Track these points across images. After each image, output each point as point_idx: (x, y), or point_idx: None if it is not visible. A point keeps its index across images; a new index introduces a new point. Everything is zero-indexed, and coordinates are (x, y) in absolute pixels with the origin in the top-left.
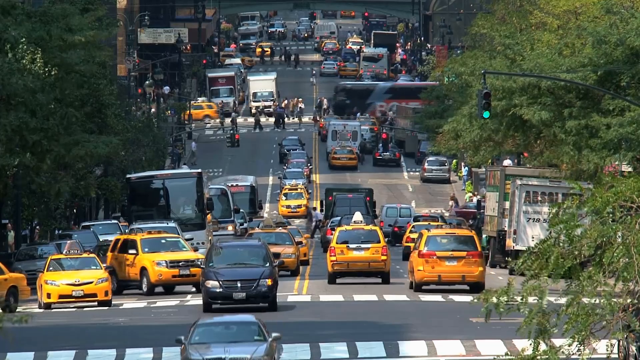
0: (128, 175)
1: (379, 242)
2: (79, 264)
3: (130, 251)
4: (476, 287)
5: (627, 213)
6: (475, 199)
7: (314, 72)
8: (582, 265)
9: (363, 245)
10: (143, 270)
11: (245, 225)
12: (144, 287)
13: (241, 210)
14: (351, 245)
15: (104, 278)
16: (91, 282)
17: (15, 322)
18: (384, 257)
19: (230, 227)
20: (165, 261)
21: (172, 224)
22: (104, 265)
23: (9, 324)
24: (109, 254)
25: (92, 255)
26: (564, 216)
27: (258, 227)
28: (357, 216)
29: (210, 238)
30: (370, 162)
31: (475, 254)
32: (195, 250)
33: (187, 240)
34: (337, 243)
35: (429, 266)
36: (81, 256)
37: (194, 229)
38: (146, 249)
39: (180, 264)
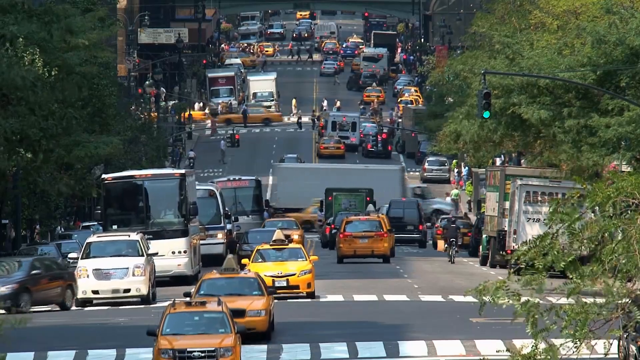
0: (103, 176)
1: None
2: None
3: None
4: (383, 257)
5: (628, 208)
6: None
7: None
8: (582, 261)
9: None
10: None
11: (229, 226)
12: None
13: (229, 212)
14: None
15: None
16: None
17: (14, 325)
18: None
19: (220, 235)
20: (172, 350)
21: (134, 237)
22: None
23: (8, 326)
24: None
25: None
26: (565, 210)
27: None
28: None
29: (195, 246)
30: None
31: (382, 233)
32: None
33: (150, 255)
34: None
35: (347, 243)
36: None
37: (176, 236)
38: (168, 329)
39: (193, 354)
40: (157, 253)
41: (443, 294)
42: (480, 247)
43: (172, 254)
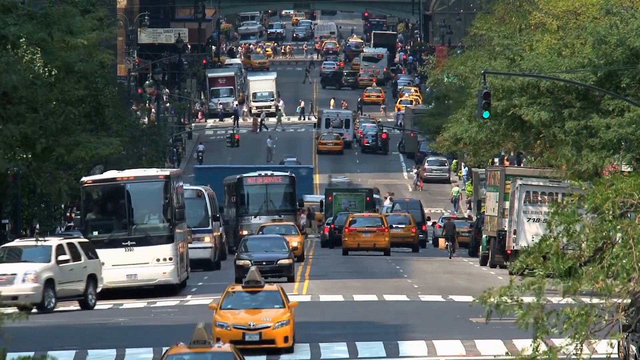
0: (83, 179)
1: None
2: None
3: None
4: (384, 250)
5: (627, 210)
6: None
7: (307, 72)
8: (582, 266)
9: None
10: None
11: (210, 227)
12: None
13: (218, 215)
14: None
15: None
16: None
17: (14, 319)
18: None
19: (207, 239)
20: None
21: (50, 242)
22: None
23: (9, 321)
24: None
25: None
26: (564, 212)
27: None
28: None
29: (182, 253)
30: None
31: (382, 229)
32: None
33: (62, 263)
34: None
35: (351, 237)
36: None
37: (160, 242)
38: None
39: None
40: (67, 259)
41: (443, 294)
42: (480, 247)
43: (156, 262)
